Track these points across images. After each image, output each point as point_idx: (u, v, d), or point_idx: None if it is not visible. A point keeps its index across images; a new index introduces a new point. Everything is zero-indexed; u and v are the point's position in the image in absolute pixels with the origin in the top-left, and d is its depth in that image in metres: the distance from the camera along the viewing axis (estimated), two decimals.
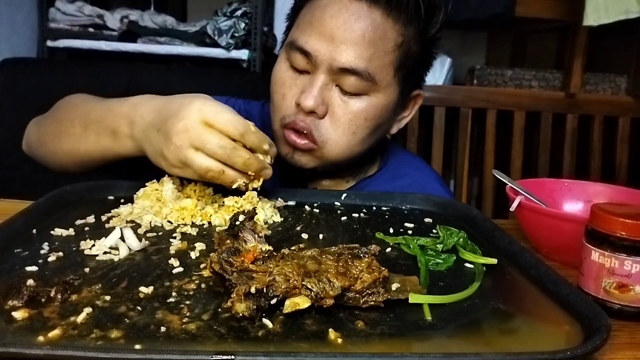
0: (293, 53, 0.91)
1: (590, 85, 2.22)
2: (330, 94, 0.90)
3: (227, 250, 0.55)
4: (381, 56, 0.89)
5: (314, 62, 0.89)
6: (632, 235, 0.56)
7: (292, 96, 0.91)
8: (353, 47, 0.87)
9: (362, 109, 0.90)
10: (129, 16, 2.18)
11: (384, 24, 0.88)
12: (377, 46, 0.88)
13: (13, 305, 0.49)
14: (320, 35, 0.88)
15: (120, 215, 0.76)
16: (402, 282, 0.57)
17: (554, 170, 2.11)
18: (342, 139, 0.91)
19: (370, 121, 0.92)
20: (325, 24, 0.88)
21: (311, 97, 0.88)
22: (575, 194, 0.89)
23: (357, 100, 0.90)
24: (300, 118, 0.90)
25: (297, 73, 0.92)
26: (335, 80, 0.89)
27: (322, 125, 0.91)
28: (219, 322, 0.48)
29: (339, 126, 0.90)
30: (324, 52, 0.87)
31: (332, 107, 0.90)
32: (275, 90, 0.94)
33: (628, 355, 0.51)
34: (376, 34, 0.88)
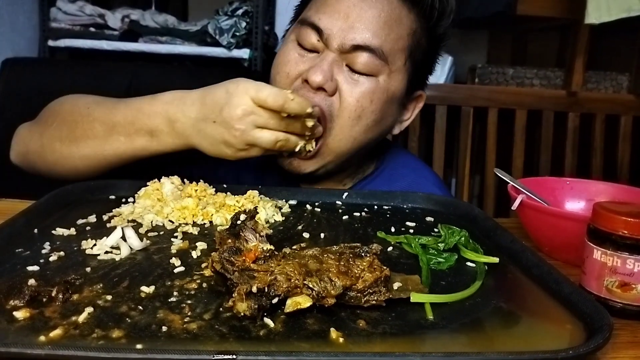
0: (304, 30, 0.89)
1: (591, 83, 2.22)
2: (339, 72, 0.88)
3: (229, 249, 0.55)
4: (395, 39, 0.89)
5: (325, 39, 0.87)
6: (634, 234, 0.56)
7: (297, 75, 0.89)
8: (368, 26, 0.87)
9: (370, 89, 0.88)
10: (130, 16, 2.18)
11: (400, 9, 0.89)
12: (392, 28, 0.88)
13: (14, 305, 0.49)
14: (335, 12, 0.87)
15: (121, 215, 0.76)
16: (404, 281, 0.57)
17: (556, 169, 2.10)
18: (347, 122, 0.89)
19: (376, 105, 0.89)
20: (342, 2, 0.88)
21: (320, 72, 0.86)
22: (577, 192, 0.89)
23: (366, 80, 0.88)
24: (306, 93, 0.87)
25: (304, 51, 0.90)
26: (346, 59, 0.88)
27: (331, 104, 0.88)
28: (221, 322, 0.48)
29: (346, 107, 0.88)
30: (337, 29, 0.87)
31: (340, 85, 0.88)
32: (278, 70, 0.92)
33: (630, 354, 0.51)
34: (392, 16, 0.88)
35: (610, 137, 2.13)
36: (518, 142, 2.10)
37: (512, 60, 2.79)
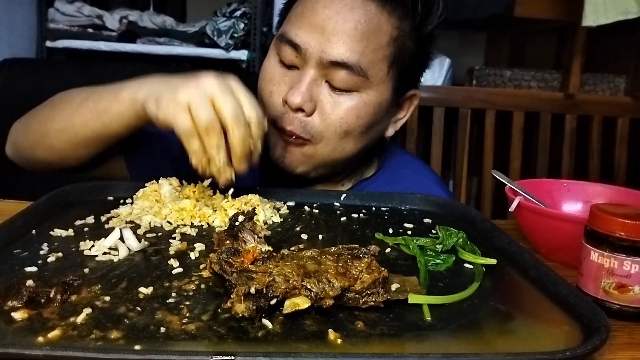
0: (282, 46, 0.87)
1: (589, 85, 2.23)
2: (320, 90, 0.86)
3: (227, 250, 0.55)
4: (374, 50, 0.85)
5: (303, 55, 0.85)
6: (631, 236, 0.56)
7: (279, 93, 0.88)
8: (344, 40, 0.83)
9: (353, 107, 0.86)
10: (128, 16, 2.18)
11: (378, 16, 0.85)
12: (370, 39, 0.85)
13: (12, 305, 0.49)
14: (310, 26, 0.84)
15: (119, 216, 0.76)
16: (402, 283, 0.57)
17: (553, 171, 2.11)
18: (334, 136, 0.88)
19: (363, 119, 0.88)
20: (317, 14, 0.84)
21: (298, 94, 0.84)
22: (574, 194, 0.89)
23: (348, 97, 0.86)
24: (288, 118, 0.87)
25: (285, 68, 0.89)
26: (325, 75, 0.86)
27: (310, 123, 0.87)
28: (219, 323, 0.48)
29: (330, 124, 0.87)
30: (314, 44, 0.84)
31: (321, 104, 0.86)
32: (263, 87, 0.91)
33: (627, 356, 0.52)
34: (370, 27, 0.84)
35: (607, 139, 2.13)
36: (515, 144, 2.11)
37: (510, 62, 2.80)
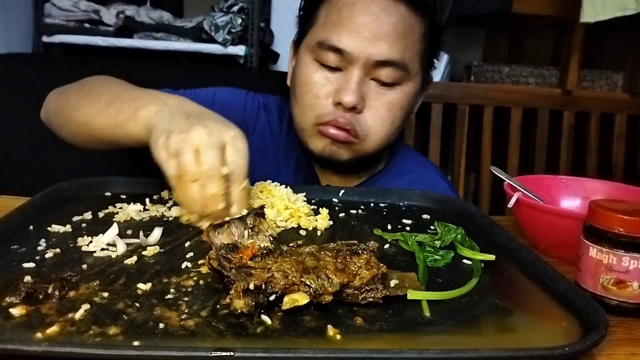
0: (324, 52, 0.92)
1: (586, 82, 2.23)
2: (367, 88, 0.92)
3: (226, 246, 0.55)
4: (411, 47, 0.93)
5: (348, 58, 0.90)
6: (630, 232, 0.56)
7: (326, 95, 0.93)
8: (388, 40, 0.90)
9: (399, 99, 0.94)
10: (124, 11, 2.17)
11: (409, 17, 0.92)
12: (408, 38, 0.92)
13: (10, 302, 0.49)
14: (352, 32, 0.90)
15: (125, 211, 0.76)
16: (401, 279, 0.57)
17: (551, 167, 2.11)
18: (382, 130, 0.94)
19: (405, 109, 0.96)
20: (357, 20, 0.90)
21: (351, 93, 0.90)
22: (572, 190, 0.89)
23: (393, 91, 0.93)
24: (340, 115, 0.92)
25: (328, 72, 0.93)
26: (370, 74, 0.92)
27: (362, 119, 0.93)
28: (218, 319, 0.48)
29: (379, 118, 0.93)
30: (360, 48, 0.89)
31: (370, 101, 0.93)
32: (306, 91, 0.94)
33: (625, 351, 0.52)
34: (405, 27, 0.91)
35: (605, 135, 2.14)
36: (513, 140, 2.11)
37: (508, 59, 2.79)
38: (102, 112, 0.84)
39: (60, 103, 0.95)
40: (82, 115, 0.87)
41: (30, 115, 1.48)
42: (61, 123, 0.94)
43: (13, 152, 1.85)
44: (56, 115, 0.96)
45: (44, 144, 1.82)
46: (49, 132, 1.03)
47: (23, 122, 1.84)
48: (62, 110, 0.93)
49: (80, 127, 0.88)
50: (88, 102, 0.88)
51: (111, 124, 0.82)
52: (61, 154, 1.81)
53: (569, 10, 1.98)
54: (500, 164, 2.00)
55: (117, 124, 0.81)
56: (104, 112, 0.84)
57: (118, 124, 0.81)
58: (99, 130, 0.85)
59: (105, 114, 0.83)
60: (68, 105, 0.92)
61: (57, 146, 1.10)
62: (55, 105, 0.96)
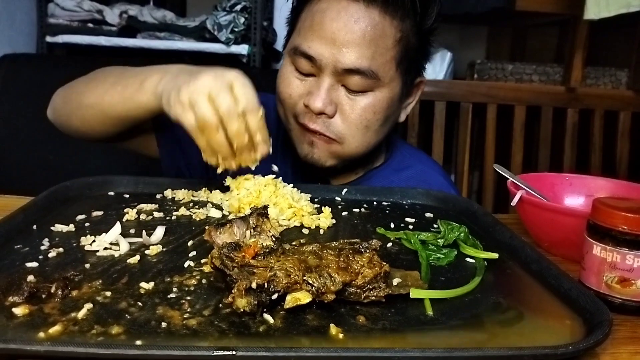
0: (297, 58, 0.93)
1: (590, 79, 2.22)
2: (338, 94, 0.93)
3: (228, 245, 0.55)
4: (382, 53, 0.91)
5: (318, 65, 0.91)
6: (634, 230, 0.56)
7: (299, 96, 0.94)
8: (355, 48, 0.89)
9: (370, 104, 0.93)
10: (128, 11, 2.17)
11: (382, 22, 0.90)
12: (378, 44, 0.90)
13: (13, 301, 0.49)
14: (322, 39, 0.90)
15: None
16: (403, 277, 0.57)
17: (555, 165, 2.10)
18: (357, 133, 0.94)
19: (379, 114, 0.95)
20: (326, 27, 0.90)
21: (319, 99, 0.90)
22: (576, 188, 0.89)
23: (364, 97, 0.93)
24: (311, 119, 0.93)
25: (302, 75, 0.95)
26: (341, 80, 0.92)
27: (334, 123, 0.93)
28: (220, 318, 0.48)
29: (351, 122, 0.93)
30: (328, 55, 0.90)
31: (341, 106, 0.93)
32: (281, 90, 0.97)
33: (629, 350, 0.51)
34: (376, 33, 0.90)
35: (609, 133, 2.13)
36: (517, 138, 2.10)
37: (511, 56, 2.78)
38: (109, 90, 0.89)
39: (67, 94, 0.99)
40: (90, 97, 0.92)
41: (34, 114, 1.49)
42: (69, 112, 0.97)
43: (17, 151, 1.85)
44: (64, 106, 0.99)
45: (47, 144, 1.82)
46: (52, 131, 1.03)
47: (27, 121, 1.85)
48: (69, 100, 0.97)
49: (89, 109, 0.92)
50: (95, 85, 0.93)
51: (119, 99, 0.87)
52: (64, 153, 1.82)
53: (573, 7, 1.97)
54: (504, 161, 1.99)
55: (126, 98, 0.87)
56: (111, 91, 0.89)
57: (126, 98, 0.86)
58: (108, 108, 0.90)
59: (113, 92, 0.88)
60: (75, 94, 0.96)
61: (61, 146, 1.10)
62: (62, 97, 0.99)
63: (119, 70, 0.94)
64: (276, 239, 0.65)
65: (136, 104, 0.86)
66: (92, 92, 0.92)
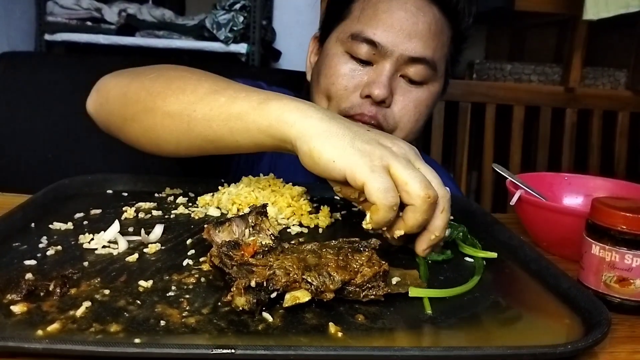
0: (357, 45, 0.92)
1: (589, 79, 2.22)
2: (396, 84, 0.93)
3: (227, 244, 0.55)
4: (441, 48, 0.95)
5: (382, 52, 0.91)
6: (632, 229, 0.56)
7: (354, 87, 0.93)
8: (422, 38, 0.91)
9: (425, 97, 0.95)
10: (127, 10, 2.17)
11: (442, 19, 0.94)
12: (440, 38, 0.94)
13: (12, 299, 0.49)
14: (389, 27, 0.91)
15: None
16: (403, 276, 0.57)
17: (553, 165, 2.10)
18: (407, 126, 0.95)
19: (430, 108, 0.98)
20: (394, 16, 0.91)
21: (382, 87, 0.90)
22: (575, 187, 0.89)
23: (420, 89, 0.95)
24: (367, 108, 0.92)
25: (358, 64, 0.93)
26: (400, 70, 0.93)
27: (389, 113, 0.94)
28: (219, 316, 0.48)
29: (405, 114, 0.94)
30: (395, 42, 0.90)
31: (397, 96, 0.93)
32: (333, 82, 0.94)
33: (628, 349, 0.51)
34: (437, 28, 0.94)
35: (607, 133, 2.13)
36: (515, 138, 2.10)
37: (510, 56, 2.78)
38: (205, 99, 0.69)
39: (132, 90, 0.77)
40: (174, 103, 0.71)
41: (33, 112, 1.48)
42: (132, 115, 0.76)
43: (15, 149, 1.85)
44: (124, 106, 0.78)
45: (46, 142, 1.82)
46: (51, 129, 1.02)
47: (25, 119, 1.84)
48: (135, 99, 0.76)
49: (167, 118, 0.72)
50: (181, 89, 0.72)
51: (221, 114, 0.67)
52: (63, 151, 1.81)
53: (572, 8, 1.97)
54: (503, 161, 1.99)
55: (232, 115, 0.66)
56: (208, 100, 0.69)
57: (233, 115, 0.66)
58: (199, 122, 0.69)
59: (212, 102, 0.69)
60: (149, 92, 0.74)
61: (59, 144, 1.09)
62: (123, 93, 0.78)
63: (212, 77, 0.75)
64: (275, 237, 0.65)
65: (244, 126, 0.66)
66: (177, 97, 0.71)
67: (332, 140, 0.59)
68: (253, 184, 0.82)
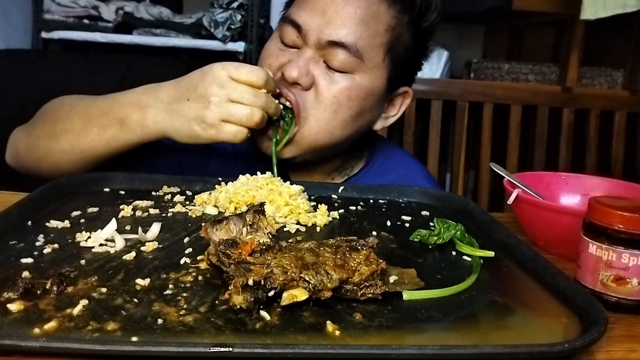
0: (285, 27, 0.92)
1: (586, 79, 2.22)
2: (316, 67, 0.90)
3: (225, 242, 0.55)
4: (372, 35, 0.89)
5: (303, 35, 0.90)
6: (629, 228, 0.56)
7: (277, 67, 0.92)
8: (344, 22, 0.88)
9: (346, 87, 0.90)
10: (124, 7, 2.17)
11: (378, 5, 0.90)
12: (369, 24, 0.89)
13: (8, 297, 0.48)
14: (313, 9, 0.89)
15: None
16: (400, 275, 0.57)
17: (550, 164, 2.11)
18: (323, 116, 0.90)
19: (353, 102, 0.91)
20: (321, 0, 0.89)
21: (295, 67, 0.88)
22: (572, 187, 0.89)
23: (342, 77, 0.90)
24: (284, 85, 0.90)
25: (286, 47, 0.93)
26: (323, 56, 0.90)
27: (306, 97, 0.90)
28: (217, 314, 0.48)
29: (322, 101, 0.90)
30: (314, 25, 0.89)
31: (317, 80, 0.90)
32: (261, 63, 0.96)
33: (625, 348, 0.52)
34: (368, 13, 0.89)
35: (604, 132, 2.13)
36: (513, 137, 2.11)
37: (508, 56, 2.79)
38: (84, 131, 0.88)
39: (32, 140, 0.95)
40: (64, 142, 0.89)
41: (29, 111, 1.47)
42: (39, 158, 0.93)
43: None
44: (31, 153, 0.95)
45: None
46: None
47: (21, 117, 1.84)
48: (37, 146, 0.93)
49: (64, 155, 0.90)
50: (64, 129, 0.90)
51: (101, 142, 0.87)
52: None
53: (569, 7, 1.98)
54: (500, 160, 1.99)
55: (108, 140, 0.87)
56: (87, 132, 0.88)
57: (109, 140, 0.87)
58: (89, 151, 0.88)
59: (90, 133, 0.88)
60: (43, 139, 0.92)
61: None
62: (27, 144, 0.96)
63: (80, 105, 0.92)
64: (273, 236, 0.65)
65: (123, 143, 0.87)
66: (64, 137, 0.89)
67: (177, 117, 0.82)
68: (251, 183, 0.81)
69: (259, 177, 0.83)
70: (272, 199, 0.78)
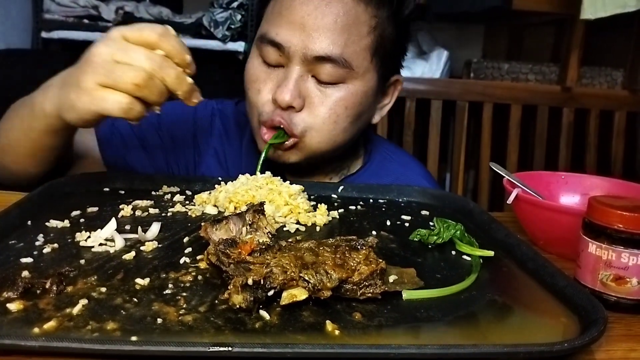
0: (264, 47, 0.88)
1: (586, 79, 2.22)
2: (307, 86, 0.87)
3: (224, 241, 0.55)
4: (356, 41, 0.86)
5: (286, 53, 0.86)
6: (629, 228, 0.56)
7: (267, 91, 0.89)
8: (326, 34, 0.84)
9: (341, 98, 0.88)
10: (124, 7, 2.16)
11: (355, 8, 0.86)
12: (351, 31, 0.86)
13: (8, 296, 0.48)
14: (290, 24, 0.85)
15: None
16: (400, 274, 0.57)
17: (550, 164, 2.11)
18: (323, 127, 0.89)
19: (351, 109, 0.89)
20: (295, 12, 0.85)
21: (287, 91, 0.85)
22: (571, 186, 0.89)
23: (335, 89, 0.88)
24: (277, 113, 0.87)
25: (270, 68, 0.89)
26: (311, 70, 0.87)
27: (300, 117, 0.88)
28: (216, 314, 0.48)
29: (318, 116, 0.88)
30: (296, 42, 0.85)
31: (310, 99, 0.87)
32: (249, 87, 0.92)
33: (624, 347, 0.52)
34: (349, 19, 0.85)
35: (604, 132, 2.13)
36: (513, 137, 2.11)
37: (508, 55, 2.79)
38: (14, 126, 0.85)
39: None
40: (6, 137, 0.87)
41: None
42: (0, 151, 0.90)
43: None
44: None
45: None
46: None
47: None
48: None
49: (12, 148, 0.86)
50: (5, 127, 0.88)
51: (24, 134, 0.82)
52: None
53: (569, 7, 1.98)
54: (500, 160, 1.98)
55: (26, 130, 0.81)
56: (15, 126, 0.85)
57: (27, 130, 0.81)
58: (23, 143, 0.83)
59: (16, 128, 0.84)
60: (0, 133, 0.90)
61: None
62: None
63: (23, 101, 0.87)
64: (272, 235, 0.65)
65: (37, 132, 0.80)
66: (5, 132, 0.87)
67: (64, 90, 0.72)
68: (250, 182, 0.81)
69: (258, 177, 0.83)
70: (271, 198, 0.78)
